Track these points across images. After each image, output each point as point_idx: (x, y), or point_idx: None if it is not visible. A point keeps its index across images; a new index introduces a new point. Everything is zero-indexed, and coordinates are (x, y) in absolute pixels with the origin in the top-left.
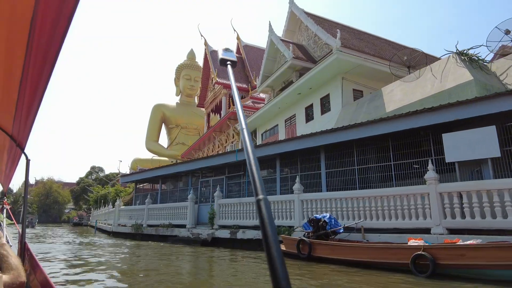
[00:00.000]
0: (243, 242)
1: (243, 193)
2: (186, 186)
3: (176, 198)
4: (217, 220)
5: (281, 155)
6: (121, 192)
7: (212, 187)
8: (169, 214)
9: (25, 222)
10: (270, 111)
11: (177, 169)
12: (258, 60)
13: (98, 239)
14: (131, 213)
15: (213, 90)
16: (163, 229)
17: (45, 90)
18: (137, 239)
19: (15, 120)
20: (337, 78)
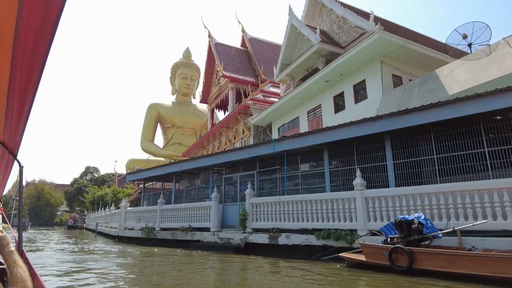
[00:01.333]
0: (286, 249)
1: (281, 190)
2: (206, 183)
3: (193, 197)
4: (250, 222)
5: (330, 145)
6: (119, 193)
7: (240, 184)
8: (188, 215)
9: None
10: (290, 102)
11: (195, 165)
12: (265, 53)
13: (103, 245)
14: (141, 215)
15: (218, 84)
16: (181, 233)
17: (34, 96)
18: (148, 244)
19: (6, 127)
20: (375, 62)
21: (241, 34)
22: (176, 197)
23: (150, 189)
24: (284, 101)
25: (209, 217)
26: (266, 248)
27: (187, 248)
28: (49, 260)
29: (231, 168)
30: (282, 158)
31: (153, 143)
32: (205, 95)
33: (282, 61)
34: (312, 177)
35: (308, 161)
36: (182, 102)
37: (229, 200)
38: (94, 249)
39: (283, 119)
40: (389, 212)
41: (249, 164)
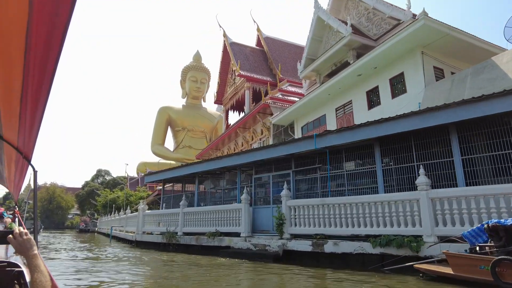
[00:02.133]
0: (334, 258)
1: (322, 191)
2: (232, 184)
3: (217, 199)
4: (287, 228)
5: (383, 139)
6: (131, 196)
7: (273, 185)
8: (215, 219)
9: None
10: (316, 99)
11: (221, 164)
12: (281, 52)
13: (121, 251)
14: (161, 219)
15: (234, 85)
16: (207, 238)
17: (46, 102)
18: (170, 250)
19: (20, 133)
20: (415, 53)
21: (256, 34)
22: (198, 200)
23: (168, 191)
24: (309, 98)
25: (238, 221)
26: (308, 257)
27: (216, 255)
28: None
29: (261, 168)
30: (322, 156)
31: (164, 146)
32: (220, 95)
33: (307, 56)
34: (359, 176)
35: (353, 159)
36: (193, 105)
37: (260, 203)
38: (112, 256)
39: (307, 118)
40: (463, 215)
41: (283, 163)
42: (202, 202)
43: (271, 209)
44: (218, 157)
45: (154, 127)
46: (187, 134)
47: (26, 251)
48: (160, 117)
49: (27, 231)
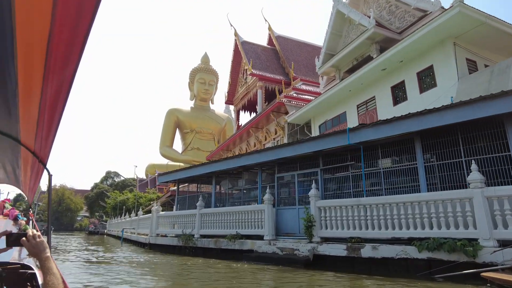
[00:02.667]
0: (372, 263)
1: (355, 191)
2: (252, 184)
3: (236, 200)
4: (317, 230)
5: (424, 133)
6: (141, 198)
7: (299, 184)
8: (235, 221)
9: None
10: (336, 96)
11: (241, 162)
12: (294, 51)
13: (135, 255)
14: (176, 220)
15: (245, 84)
16: (228, 241)
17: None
18: (187, 254)
19: (37, 138)
20: (446, 44)
21: (268, 32)
22: (216, 200)
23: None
24: (328, 95)
25: (261, 222)
26: (342, 262)
27: (237, 259)
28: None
29: (285, 166)
30: (355, 153)
31: (172, 148)
32: (231, 96)
33: (325, 51)
34: (397, 174)
35: (390, 155)
36: (201, 107)
37: (283, 203)
38: (127, 261)
39: (325, 116)
40: None
41: (309, 160)
42: (219, 203)
43: (296, 210)
44: (237, 155)
45: (162, 129)
46: (196, 136)
47: (39, 253)
48: (169, 119)
49: (40, 234)
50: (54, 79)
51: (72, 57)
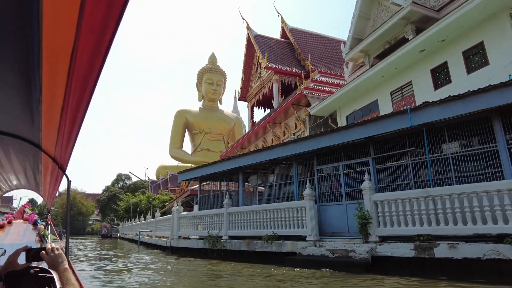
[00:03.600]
0: (451, 266)
1: (416, 181)
2: (285, 179)
3: (266, 197)
4: (374, 228)
5: (506, 110)
6: (154, 200)
7: (345, 177)
8: (269, 220)
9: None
10: (366, 83)
11: (272, 155)
12: (308, 43)
13: (155, 259)
14: (200, 221)
15: (260, 79)
16: (262, 242)
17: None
18: (214, 257)
19: (57, 144)
20: (501, 17)
21: (281, 25)
22: (243, 198)
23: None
24: (357, 83)
25: (301, 221)
26: (409, 264)
27: (277, 263)
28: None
29: (326, 157)
30: (414, 137)
31: (182, 150)
32: (244, 92)
33: (353, 36)
34: (469, 160)
35: (457, 139)
36: (209, 107)
37: (326, 199)
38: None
39: (353, 105)
40: None
41: (356, 149)
42: (247, 201)
43: (343, 207)
44: (269, 146)
45: (171, 131)
46: (205, 137)
47: (57, 265)
48: (177, 120)
49: (58, 247)
50: (77, 87)
51: (95, 65)
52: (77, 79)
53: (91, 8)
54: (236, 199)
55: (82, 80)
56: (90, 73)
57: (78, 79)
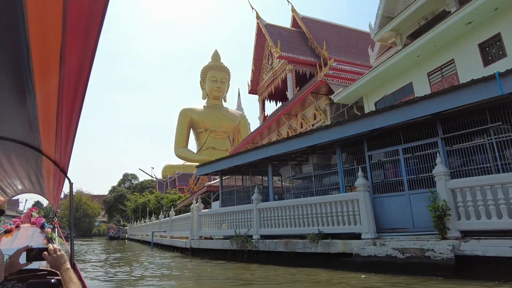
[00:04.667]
0: None
1: (503, 164)
2: (326, 168)
3: (301, 191)
4: (453, 222)
5: None
6: (162, 199)
7: (405, 162)
8: (313, 216)
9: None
10: (397, 66)
11: (310, 141)
12: (321, 32)
13: (179, 264)
14: (224, 219)
15: (272, 70)
16: (304, 242)
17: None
18: (244, 260)
19: (56, 148)
20: None
21: (291, 14)
22: (274, 192)
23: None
24: (388, 66)
25: (354, 216)
26: (507, 265)
27: (326, 266)
28: None
29: (379, 140)
30: (497, 111)
31: (187, 149)
32: (254, 85)
33: (382, 14)
34: None
35: None
36: (214, 105)
37: (380, 190)
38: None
39: (382, 90)
40: None
41: (417, 129)
42: (276, 196)
43: (405, 197)
44: (307, 131)
45: (176, 130)
46: (210, 135)
47: (59, 266)
48: (182, 119)
49: (60, 248)
50: (69, 89)
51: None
52: (69, 82)
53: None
54: (264, 193)
55: (74, 82)
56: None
57: (70, 82)
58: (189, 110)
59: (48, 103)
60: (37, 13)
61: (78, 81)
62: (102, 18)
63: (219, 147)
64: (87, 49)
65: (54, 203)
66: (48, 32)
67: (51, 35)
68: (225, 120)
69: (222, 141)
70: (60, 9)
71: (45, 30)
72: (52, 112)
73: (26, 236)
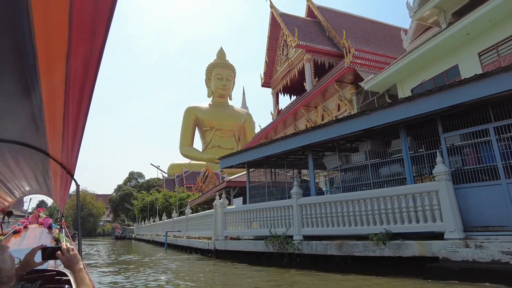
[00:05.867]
0: None
1: None
2: (381, 157)
3: (349, 183)
4: None
5: None
6: (171, 198)
7: (499, 143)
8: (374, 212)
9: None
10: (441, 47)
11: (366, 123)
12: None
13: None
14: (255, 216)
15: (287, 61)
16: (365, 244)
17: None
18: (284, 264)
19: (63, 150)
20: None
21: (306, 4)
22: (316, 186)
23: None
24: (430, 47)
25: (431, 211)
26: None
27: (397, 273)
28: None
29: (459, 119)
30: None
31: (193, 147)
32: (268, 77)
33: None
34: None
35: None
36: (219, 103)
37: (466, 178)
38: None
39: (420, 75)
40: None
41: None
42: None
43: (502, 188)
44: (363, 111)
45: (181, 129)
46: (216, 134)
47: (73, 265)
48: (187, 118)
49: (73, 247)
50: (75, 92)
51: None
52: (75, 86)
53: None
54: (302, 188)
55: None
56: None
57: (76, 86)
58: (194, 108)
59: (54, 107)
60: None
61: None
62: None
63: (225, 145)
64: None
65: (61, 204)
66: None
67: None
68: (231, 118)
69: (228, 140)
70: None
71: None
72: (58, 116)
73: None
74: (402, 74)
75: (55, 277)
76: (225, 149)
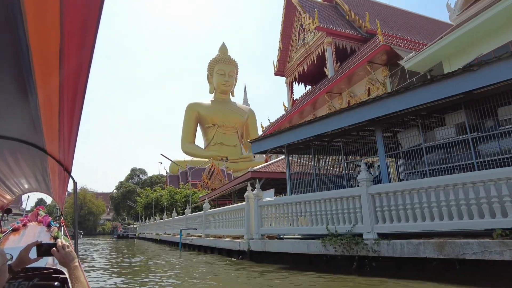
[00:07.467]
0: None
1: None
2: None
3: (433, 168)
4: None
5: None
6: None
7: None
8: (492, 198)
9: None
10: (501, 15)
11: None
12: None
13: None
14: (304, 210)
15: (304, 46)
16: (480, 243)
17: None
18: (351, 271)
19: (60, 147)
20: None
21: None
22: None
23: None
24: (488, 16)
25: None
26: None
27: None
28: None
29: None
30: None
31: (195, 145)
32: (281, 65)
33: None
34: None
35: None
36: (221, 100)
37: None
38: None
39: (473, 51)
40: None
41: None
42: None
43: None
44: (464, 68)
45: (183, 125)
46: (218, 131)
47: (68, 262)
48: (189, 114)
49: (69, 244)
50: (70, 88)
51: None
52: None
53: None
54: None
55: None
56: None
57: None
58: (196, 104)
59: (50, 103)
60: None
61: (78, 80)
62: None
63: (228, 142)
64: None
65: (60, 202)
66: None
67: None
68: (234, 115)
69: (230, 137)
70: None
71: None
72: (54, 113)
73: (33, 234)
74: (450, 50)
75: (52, 275)
76: (227, 146)
